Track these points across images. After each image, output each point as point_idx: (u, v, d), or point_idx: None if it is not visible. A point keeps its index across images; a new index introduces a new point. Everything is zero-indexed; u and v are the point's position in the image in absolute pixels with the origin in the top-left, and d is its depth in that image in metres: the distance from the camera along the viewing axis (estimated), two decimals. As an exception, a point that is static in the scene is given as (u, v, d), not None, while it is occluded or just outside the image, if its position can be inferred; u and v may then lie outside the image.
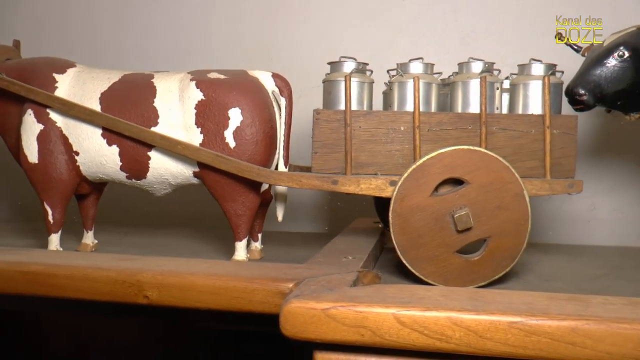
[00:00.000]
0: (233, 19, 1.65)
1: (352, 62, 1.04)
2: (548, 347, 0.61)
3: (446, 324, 0.62)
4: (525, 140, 0.97)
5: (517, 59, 1.10)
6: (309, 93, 1.14)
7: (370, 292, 0.68)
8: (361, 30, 1.58)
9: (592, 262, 1.18)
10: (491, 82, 0.99)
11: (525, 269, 1.05)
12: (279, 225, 1.12)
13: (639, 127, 1.12)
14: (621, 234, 1.44)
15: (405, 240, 0.89)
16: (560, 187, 0.97)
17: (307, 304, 0.65)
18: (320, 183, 0.97)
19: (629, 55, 1.03)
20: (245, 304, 0.78)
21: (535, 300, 0.67)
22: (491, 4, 1.54)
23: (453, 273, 0.89)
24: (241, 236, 1.05)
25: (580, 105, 1.06)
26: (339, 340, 0.65)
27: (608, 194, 1.45)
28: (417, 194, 0.89)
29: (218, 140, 1.02)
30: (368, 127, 0.98)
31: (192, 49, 1.65)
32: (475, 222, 0.88)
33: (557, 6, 1.49)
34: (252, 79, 1.07)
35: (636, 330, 0.60)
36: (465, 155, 0.89)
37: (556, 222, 1.47)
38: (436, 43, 1.55)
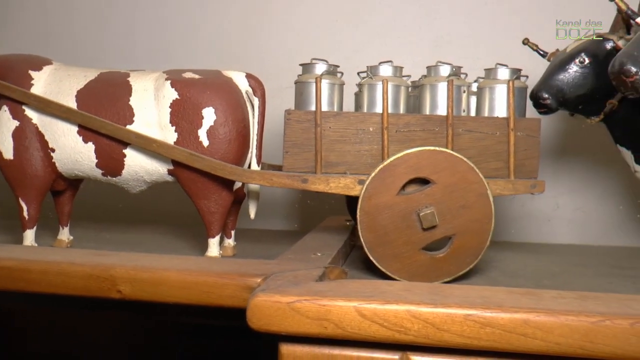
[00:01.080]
0: (210, 19, 1.67)
1: (324, 64, 1.06)
2: (501, 338, 0.64)
3: (405, 316, 0.65)
4: (490, 142, 1.01)
5: (489, 62, 1.14)
6: (283, 93, 1.17)
7: (333, 287, 0.71)
8: (336, 32, 1.61)
9: (554, 259, 1.22)
10: (458, 85, 1.03)
11: (489, 266, 1.09)
12: (252, 223, 1.14)
13: (600, 130, 1.16)
14: (584, 233, 1.49)
15: (373, 237, 0.92)
16: (524, 188, 1.00)
17: (272, 297, 0.68)
18: (290, 181, 1.00)
19: (589, 61, 1.08)
20: (216, 298, 0.80)
21: (492, 295, 0.70)
22: (464, 9, 1.57)
23: (419, 269, 0.92)
24: (214, 233, 1.07)
25: (544, 109, 1.10)
26: (303, 333, 0.67)
27: (571, 193, 1.50)
28: (384, 192, 0.92)
29: (192, 138, 1.04)
30: (338, 128, 1.00)
31: (169, 48, 1.67)
32: (440, 221, 0.92)
33: (528, 10, 1.54)
34: (226, 79, 1.09)
35: (582, 322, 0.64)
36: (431, 156, 0.92)
37: (520, 221, 1.52)
38: (410, 45, 1.58)
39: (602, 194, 1.50)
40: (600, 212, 1.49)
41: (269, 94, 1.13)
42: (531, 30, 1.40)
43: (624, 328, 0.63)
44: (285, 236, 1.33)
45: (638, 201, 1.46)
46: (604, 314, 0.65)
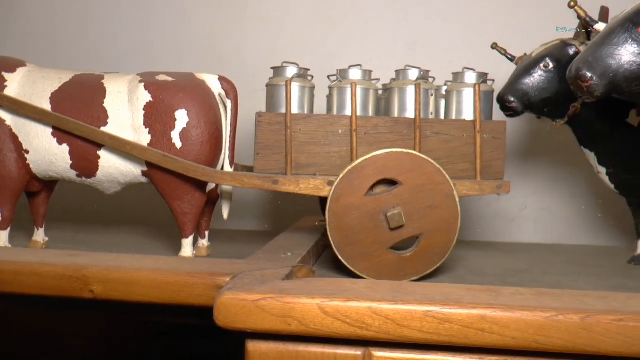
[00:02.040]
0: (184, 22, 1.68)
1: (294, 68, 1.08)
2: (459, 333, 0.67)
3: (366, 313, 0.67)
4: (458, 144, 1.03)
5: (462, 65, 1.17)
6: (256, 95, 1.19)
7: (298, 285, 0.73)
8: (311, 35, 1.63)
9: (520, 257, 1.25)
10: (426, 89, 1.05)
11: (457, 265, 1.12)
12: (225, 223, 1.16)
13: (565, 132, 1.19)
14: (551, 232, 1.53)
15: (341, 237, 0.94)
16: (490, 188, 1.03)
17: (238, 295, 0.69)
18: (261, 183, 1.01)
19: (553, 66, 1.11)
20: (186, 297, 0.82)
21: (452, 292, 0.72)
22: (437, 13, 1.60)
23: (386, 268, 0.95)
24: (187, 233, 1.08)
25: (510, 112, 1.13)
26: (268, 330, 0.69)
27: (537, 194, 1.54)
28: (352, 193, 0.94)
29: (165, 140, 1.06)
30: (308, 130, 1.02)
31: (143, 50, 1.68)
32: (407, 221, 0.94)
33: (499, 15, 1.57)
34: (199, 81, 1.10)
35: (537, 317, 0.66)
36: (398, 158, 0.94)
37: (487, 221, 1.55)
38: (385, 49, 1.61)
39: (566, 194, 1.54)
40: (565, 211, 1.53)
41: (242, 96, 1.15)
42: (502, 34, 1.45)
43: (575, 322, 0.66)
44: (259, 236, 1.34)
45: (600, 201, 1.50)
46: (557, 309, 0.67)
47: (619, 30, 0.85)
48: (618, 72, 0.84)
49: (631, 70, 0.83)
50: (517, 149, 1.53)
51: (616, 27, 0.85)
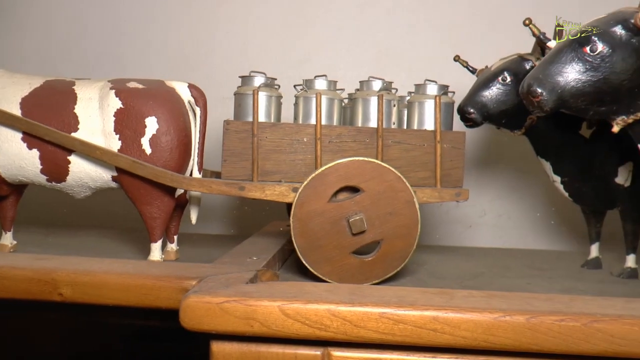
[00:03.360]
0: (155, 28, 1.70)
1: (262, 77, 1.12)
2: (413, 333, 0.70)
3: (325, 315, 0.70)
4: (418, 152, 1.08)
5: (427, 75, 1.21)
6: (227, 102, 1.21)
7: (261, 288, 0.76)
8: (280, 43, 1.67)
9: (478, 261, 1.30)
10: (388, 99, 1.09)
11: (419, 268, 1.16)
12: (193, 227, 1.19)
13: (523, 142, 1.25)
14: (508, 237, 1.59)
15: (305, 242, 0.98)
16: (449, 196, 1.08)
17: (203, 298, 0.72)
18: (228, 189, 1.05)
19: (511, 79, 1.16)
20: (153, 300, 0.85)
21: (407, 294, 0.76)
22: (404, 24, 1.65)
23: (349, 272, 0.98)
24: (156, 238, 1.11)
25: (470, 123, 1.18)
26: (232, 331, 0.72)
27: (497, 201, 1.60)
28: (316, 200, 0.97)
29: (135, 146, 1.08)
30: (274, 138, 1.06)
31: (114, 57, 1.69)
32: (369, 226, 0.98)
33: (464, 27, 1.63)
34: (169, 89, 1.13)
35: (486, 318, 0.71)
36: (360, 166, 0.98)
37: (450, 226, 1.60)
38: (353, 57, 1.65)
39: (523, 202, 1.60)
40: (521, 218, 1.59)
41: (212, 103, 1.18)
42: (466, 46, 1.50)
43: (521, 322, 0.70)
44: (226, 240, 1.37)
45: (553, 208, 1.56)
46: (505, 310, 0.71)
47: (567, 49, 0.89)
48: (565, 89, 0.88)
49: (577, 87, 0.88)
50: (477, 158, 1.59)
51: (564, 46, 0.90)
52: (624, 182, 1.17)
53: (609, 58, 0.87)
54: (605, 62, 0.87)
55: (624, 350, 0.70)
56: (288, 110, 1.20)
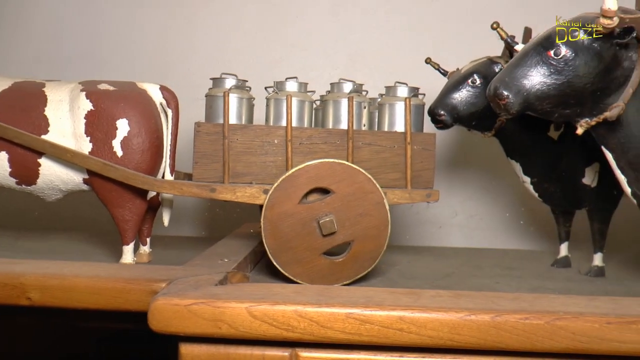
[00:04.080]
0: (126, 30, 1.69)
1: (233, 79, 1.12)
2: (379, 333, 0.71)
3: (292, 316, 0.71)
4: (389, 154, 1.09)
5: (399, 77, 1.23)
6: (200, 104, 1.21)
7: (229, 290, 0.76)
8: (254, 44, 1.67)
9: (449, 261, 1.31)
10: (358, 101, 1.10)
11: (391, 269, 1.17)
12: (166, 229, 1.18)
13: (493, 144, 1.26)
14: (480, 237, 1.61)
15: (276, 244, 0.98)
16: (419, 197, 1.09)
17: (171, 300, 0.72)
18: (199, 191, 1.05)
19: (480, 82, 1.17)
20: (123, 302, 0.85)
21: (375, 295, 0.77)
22: (377, 26, 1.66)
23: (319, 273, 0.99)
24: (128, 240, 1.10)
25: (440, 124, 1.19)
26: (200, 333, 0.72)
27: (468, 201, 1.62)
28: (286, 201, 0.98)
29: (106, 149, 1.07)
30: (244, 140, 1.06)
31: (86, 58, 1.68)
32: (339, 228, 0.99)
33: (436, 30, 1.64)
34: (141, 91, 1.13)
35: (451, 317, 0.72)
36: (330, 168, 0.99)
37: (422, 227, 1.62)
38: (325, 59, 1.65)
39: (493, 202, 1.62)
40: (492, 218, 1.62)
41: (186, 104, 1.18)
42: (438, 49, 1.52)
43: (486, 321, 0.72)
44: (198, 242, 1.37)
45: (522, 209, 1.59)
46: (470, 310, 0.73)
47: (532, 53, 0.91)
48: (531, 92, 0.90)
49: (542, 90, 0.90)
50: (448, 159, 1.61)
51: (530, 50, 0.92)
52: (591, 183, 1.19)
53: (572, 62, 0.89)
54: (569, 66, 0.89)
55: (586, 347, 0.72)
56: (261, 111, 1.20)
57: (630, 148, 0.93)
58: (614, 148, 0.95)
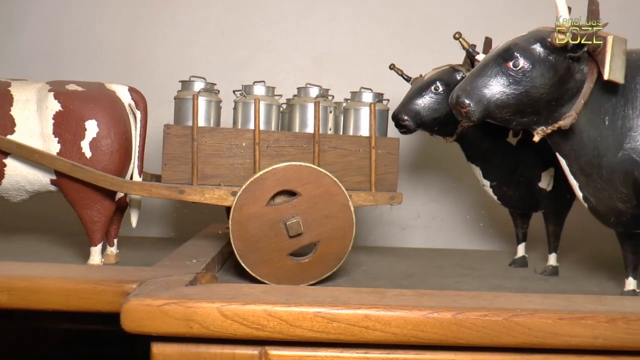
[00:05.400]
0: (94, 30, 1.68)
1: (201, 82, 1.14)
2: (346, 331, 0.74)
3: (262, 315, 0.73)
4: (354, 158, 1.12)
5: (364, 81, 1.26)
6: (168, 105, 1.22)
7: (200, 290, 0.78)
8: (221, 46, 1.68)
9: (414, 261, 1.35)
10: (325, 106, 1.13)
11: (356, 269, 1.20)
12: (133, 230, 1.19)
13: (455, 148, 1.31)
14: (442, 238, 1.66)
15: (243, 245, 1.00)
16: (383, 199, 1.12)
17: (143, 301, 0.74)
18: (168, 192, 1.06)
19: (443, 89, 1.21)
20: (93, 304, 0.86)
21: (341, 294, 0.80)
22: (343, 31, 1.69)
23: (286, 274, 1.02)
24: (96, 241, 1.11)
25: (404, 129, 1.22)
26: (172, 333, 0.74)
27: (430, 204, 1.66)
28: (254, 203, 1.00)
29: (75, 150, 1.08)
30: (213, 143, 1.08)
31: (52, 57, 1.66)
32: (305, 229, 1.01)
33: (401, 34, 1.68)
34: (109, 92, 1.13)
35: (415, 315, 0.75)
36: (297, 170, 1.02)
37: (386, 228, 1.66)
38: (292, 61, 1.67)
39: (454, 205, 1.67)
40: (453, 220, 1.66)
41: (154, 106, 1.18)
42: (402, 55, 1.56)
43: (448, 318, 0.75)
44: (166, 243, 1.38)
45: (482, 211, 1.65)
46: (433, 308, 0.76)
47: (492, 64, 0.95)
48: (491, 101, 0.94)
49: (502, 99, 0.94)
50: (412, 163, 1.65)
51: (490, 60, 0.96)
52: (547, 187, 1.24)
53: (530, 73, 0.93)
54: (526, 77, 0.93)
55: (540, 341, 0.76)
56: (229, 113, 1.22)
57: (582, 155, 0.98)
58: (567, 154, 1.00)
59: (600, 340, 0.76)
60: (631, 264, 1.08)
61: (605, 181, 0.98)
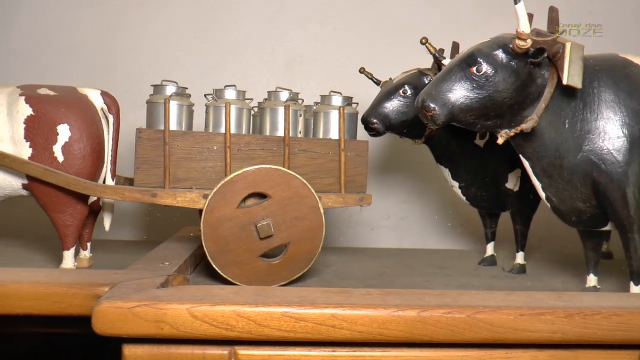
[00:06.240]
0: (65, 33, 1.68)
1: (173, 86, 1.15)
2: (313, 330, 0.76)
3: (231, 315, 0.75)
4: (324, 160, 1.14)
5: (335, 84, 1.27)
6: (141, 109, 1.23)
7: (171, 292, 0.80)
8: (193, 49, 1.69)
9: (384, 261, 1.37)
10: (295, 109, 1.15)
11: (326, 269, 1.22)
12: (107, 234, 1.20)
13: (424, 150, 1.34)
14: (413, 238, 1.68)
15: (215, 247, 1.02)
16: (353, 201, 1.15)
17: (115, 303, 0.75)
18: (140, 196, 1.07)
19: (411, 92, 1.23)
20: (66, 307, 0.86)
21: (309, 294, 0.82)
22: (313, 33, 1.70)
23: (257, 275, 1.03)
24: (68, 245, 1.11)
25: (373, 132, 1.25)
26: (143, 334, 0.75)
27: (400, 204, 1.69)
28: (225, 206, 1.02)
29: (47, 154, 1.08)
30: (185, 146, 1.09)
31: (22, 61, 1.65)
32: (276, 231, 1.03)
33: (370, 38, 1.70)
34: (81, 96, 1.14)
35: (380, 313, 0.77)
36: (267, 173, 1.04)
37: (357, 229, 1.69)
38: (264, 65, 1.69)
39: (423, 205, 1.70)
40: (422, 220, 1.70)
41: (127, 109, 1.19)
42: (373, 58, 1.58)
43: (412, 316, 0.78)
44: (140, 246, 1.38)
45: (449, 211, 1.68)
46: (398, 306, 0.78)
47: (457, 69, 0.98)
48: (455, 105, 0.96)
49: (466, 103, 0.96)
50: (381, 164, 1.68)
51: (454, 66, 0.98)
52: (514, 187, 1.27)
53: (492, 78, 0.96)
54: (489, 82, 0.96)
55: (502, 336, 0.78)
56: (200, 117, 1.23)
57: (544, 157, 1.01)
58: (530, 156, 1.03)
59: (558, 335, 0.79)
60: (592, 261, 1.12)
61: (566, 182, 1.02)
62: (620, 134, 0.99)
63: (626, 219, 0.99)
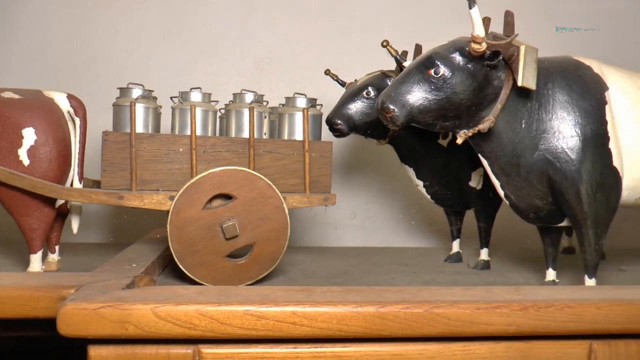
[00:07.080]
0: (34, 35, 1.67)
1: (139, 89, 1.16)
2: (274, 327, 0.78)
3: (194, 315, 0.76)
4: (288, 161, 1.16)
5: (303, 85, 1.29)
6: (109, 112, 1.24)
7: (135, 293, 0.81)
8: (161, 51, 1.69)
9: (351, 260, 1.39)
10: (259, 111, 1.17)
11: (293, 268, 1.24)
12: (76, 236, 1.20)
13: (388, 150, 1.36)
14: (379, 237, 1.71)
15: (181, 248, 1.03)
16: (317, 201, 1.17)
17: (79, 305, 0.76)
18: (107, 198, 1.08)
19: (374, 94, 1.25)
20: (31, 310, 0.86)
21: (271, 293, 0.84)
22: (282, 34, 1.72)
23: (223, 275, 1.05)
24: (35, 249, 1.11)
25: (338, 133, 1.27)
26: (108, 335, 0.76)
27: (365, 204, 1.72)
28: (191, 207, 1.04)
29: (12, 158, 1.08)
30: (151, 149, 1.10)
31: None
32: (241, 231, 1.05)
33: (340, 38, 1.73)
34: (47, 99, 1.14)
35: (339, 310, 0.79)
36: (232, 174, 1.05)
37: (323, 228, 1.71)
38: (233, 66, 1.70)
39: (389, 204, 1.73)
40: (388, 219, 1.72)
41: (95, 112, 1.20)
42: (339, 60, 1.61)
43: (371, 312, 0.80)
44: (108, 249, 1.39)
45: (413, 210, 1.71)
46: (357, 302, 0.80)
47: (415, 71, 1.00)
48: (414, 106, 0.99)
49: (424, 105, 0.99)
50: (346, 165, 1.70)
51: (413, 68, 1.01)
52: (476, 185, 1.31)
53: (450, 80, 0.99)
54: (447, 84, 0.99)
55: (459, 330, 0.81)
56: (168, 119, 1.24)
57: (502, 156, 1.05)
58: (488, 155, 1.06)
59: (513, 327, 0.81)
60: (550, 256, 1.16)
61: (523, 180, 1.05)
62: (573, 133, 1.02)
63: (580, 215, 1.03)
